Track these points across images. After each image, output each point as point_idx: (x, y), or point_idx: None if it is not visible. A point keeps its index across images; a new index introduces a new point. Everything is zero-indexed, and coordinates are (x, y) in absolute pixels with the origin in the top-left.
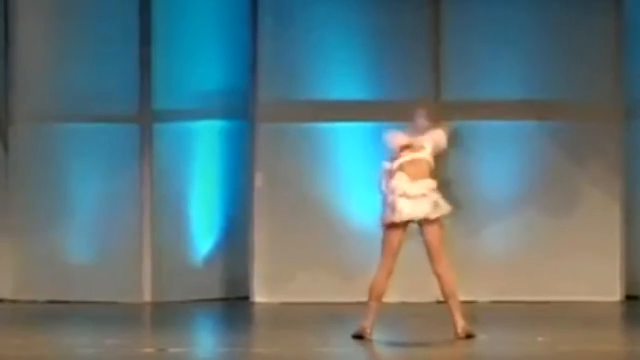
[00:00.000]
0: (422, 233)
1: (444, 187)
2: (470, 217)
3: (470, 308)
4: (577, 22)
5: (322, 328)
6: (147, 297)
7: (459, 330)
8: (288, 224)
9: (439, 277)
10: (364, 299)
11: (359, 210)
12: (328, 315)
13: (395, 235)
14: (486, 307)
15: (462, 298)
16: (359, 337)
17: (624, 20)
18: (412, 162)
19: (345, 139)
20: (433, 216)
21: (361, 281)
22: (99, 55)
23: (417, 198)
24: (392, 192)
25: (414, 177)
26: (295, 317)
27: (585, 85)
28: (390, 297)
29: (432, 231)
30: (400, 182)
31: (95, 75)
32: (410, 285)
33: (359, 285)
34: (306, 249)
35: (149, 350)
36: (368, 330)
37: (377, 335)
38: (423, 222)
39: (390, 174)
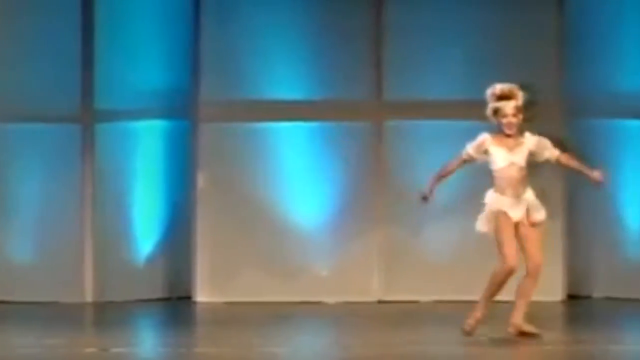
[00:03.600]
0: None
1: (388, 187)
2: (411, 215)
3: (414, 308)
4: (517, 22)
5: (265, 327)
6: (89, 297)
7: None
8: (230, 224)
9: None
10: (307, 298)
11: (301, 209)
12: (271, 314)
13: None
14: (428, 307)
15: (406, 298)
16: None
17: (564, 20)
18: None
19: (288, 139)
20: None
21: (303, 280)
22: (40, 54)
23: None
24: None
25: None
26: (238, 316)
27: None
28: (331, 297)
29: None
30: None
31: (36, 75)
32: (351, 285)
33: (302, 285)
34: (248, 248)
35: (91, 350)
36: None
37: (319, 335)
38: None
39: None
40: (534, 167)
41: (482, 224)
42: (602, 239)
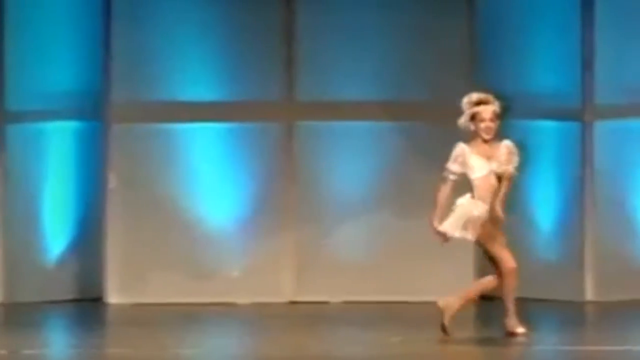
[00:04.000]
0: None
1: (300, 187)
2: (323, 217)
3: (323, 309)
4: (430, 24)
5: (177, 329)
6: None
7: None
8: (142, 225)
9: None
10: (219, 299)
11: (212, 210)
12: (183, 316)
13: None
14: (339, 307)
15: (317, 298)
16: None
17: (476, 21)
18: None
19: (199, 140)
20: None
21: (215, 281)
22: None
23: None
24: None
25: None
26: (149, 318)
27: (438, 86)
28: (242, 298)
29: None
30: None
31: None
32: (262, 286)
33: (214, 286)
34: (160, 249)
35: (1, 352)
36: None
37: (231, 337)
38: None
39: None
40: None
41: (453, 228)
42: (512, 239)
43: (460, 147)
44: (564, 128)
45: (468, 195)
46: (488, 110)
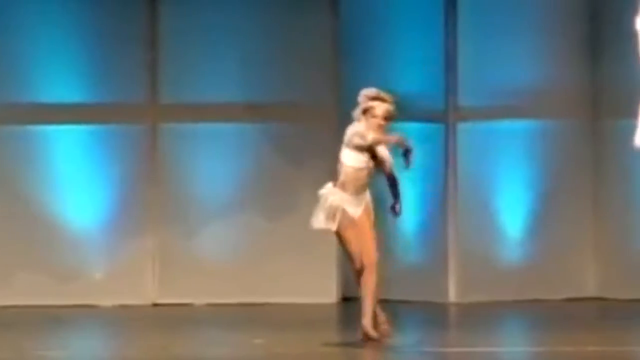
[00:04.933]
0: None
1: (163, 189)
2: (187, 219)
3: (187, 311)
4: (293, 24)
5: (39, 331)
6: None
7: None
8: (4, 227)
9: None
10: (81, 301)
11: (75, 212)
12: (45, 318)
13: None
14: (203, 309)
15: (181, 300)
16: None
17: (340, 21)
18: None
19: (62, 142)
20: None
21: (78, 284)
22: None
23: None
24: None
25: None
26: (12, 320)
27: (302, 87)
28: (105, 300)
29: None
30: None
31: None
32: (125, 288)
33: (76, 288)
34: (22, 251)
35: None
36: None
37: (94, 339)
38: None
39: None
40: (306, 168)
41: (318, 222)
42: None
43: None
44: (427, 129)
45: (330, 185)
46: (382, 108)
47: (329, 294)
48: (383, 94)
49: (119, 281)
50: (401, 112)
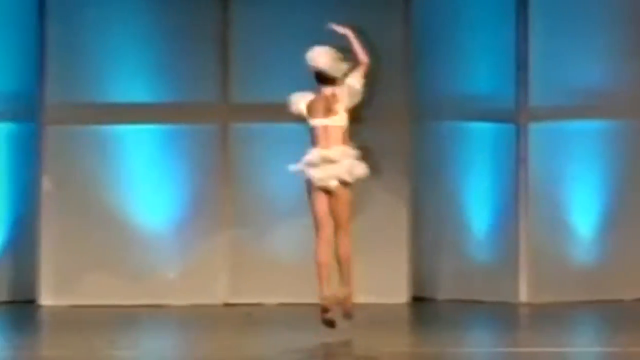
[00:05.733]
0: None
1: (234, 189)
2: (258, 219)
3: (258, 310)
4: (365, 24)
5: (111, 331)
6: None
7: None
8: (76, 227)
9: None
10: (153, 301)
11: (147, 212)
12: (117, 317)
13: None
14: (274, 309)
15: (251, 300)
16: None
17: (411, 22)
18: (325, 129)
19: (134, 142)
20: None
21: (150, 284)
22: None
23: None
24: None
25: (326, 146)
26: (84, 320)
27: (374, 86)
28: (177, 300)
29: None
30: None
31: None
32: (197, 287)
33: (148, 288)
34: (94, 251)
35: None
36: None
37: (165, 338)
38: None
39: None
40: (378, 168)
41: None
42: (448, 241)
43: None
44: (499, 130)
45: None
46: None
47: (400, 294)
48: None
49: (190, 281)
50: (472, 113)
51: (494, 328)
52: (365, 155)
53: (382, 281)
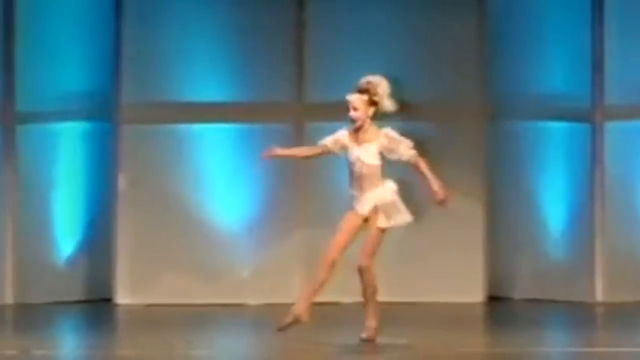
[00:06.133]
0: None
1: (309, 188)
2: (333, 218)
3: (334, 309)
4: (440, 23)
5: (187, 330)
6: (9, 299)
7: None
8: (151, 225)
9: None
10: (228, 300)
11: (222, 211)
12: (192, 316)
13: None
14: (350, 307)
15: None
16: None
17: (486, 21)
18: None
19: (209, 141)
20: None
21: (224, 282)
22: None
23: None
24: None
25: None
26: (159, 318)
27: (449, 86)
28: (252, 299)
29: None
30: None
31: None
32: (272, 286)
33: (223, 287)
34: (170, 250)
35: (11, 352)
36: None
37: (241, 337)
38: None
39: None
40: (453, 167)
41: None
42: (523, 240)
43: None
44: (574, 129)
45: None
46: (351, 98)
47: (476, 293)
48: (366, 83)
49: (265, 280)
50: (548, 112)
51: (569, 327)
52: (441, 155)
53: (458, 280)
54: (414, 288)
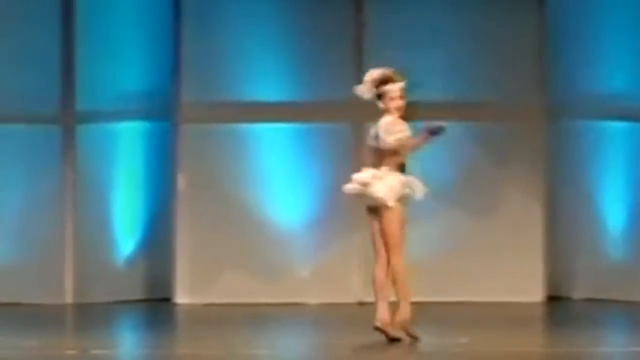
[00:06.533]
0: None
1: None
2: None
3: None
4: (499, 22)
5: (246, 329)
6: (69, 298)
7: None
8: (211, 225)
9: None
10: (288, 299)
11: (281, 210)
12: (251, 316)
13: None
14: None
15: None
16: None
17: (546, 20)
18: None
19: (269, 140)
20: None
21: (284, 282)
22: (22, 57)
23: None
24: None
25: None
26: (218, 318)
27: (509, 85)
28: (311, 299)
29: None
30: None
31: (16, 76)
32: (331, 286)
33: (282, 286)
34: (229, 250)
35: (71, 352)
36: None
37: (300, 337)
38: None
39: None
40: (513, 168)
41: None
42: (583, 240)
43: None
44: (635, 129)
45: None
46: (396, 88)
47: (535, 293)
48: (391, 73)
49: (324, 279)
50: (608, 111)
51: (629, 327)
52: (501, 155)
53: (517, 280)
54: (474, 288)
